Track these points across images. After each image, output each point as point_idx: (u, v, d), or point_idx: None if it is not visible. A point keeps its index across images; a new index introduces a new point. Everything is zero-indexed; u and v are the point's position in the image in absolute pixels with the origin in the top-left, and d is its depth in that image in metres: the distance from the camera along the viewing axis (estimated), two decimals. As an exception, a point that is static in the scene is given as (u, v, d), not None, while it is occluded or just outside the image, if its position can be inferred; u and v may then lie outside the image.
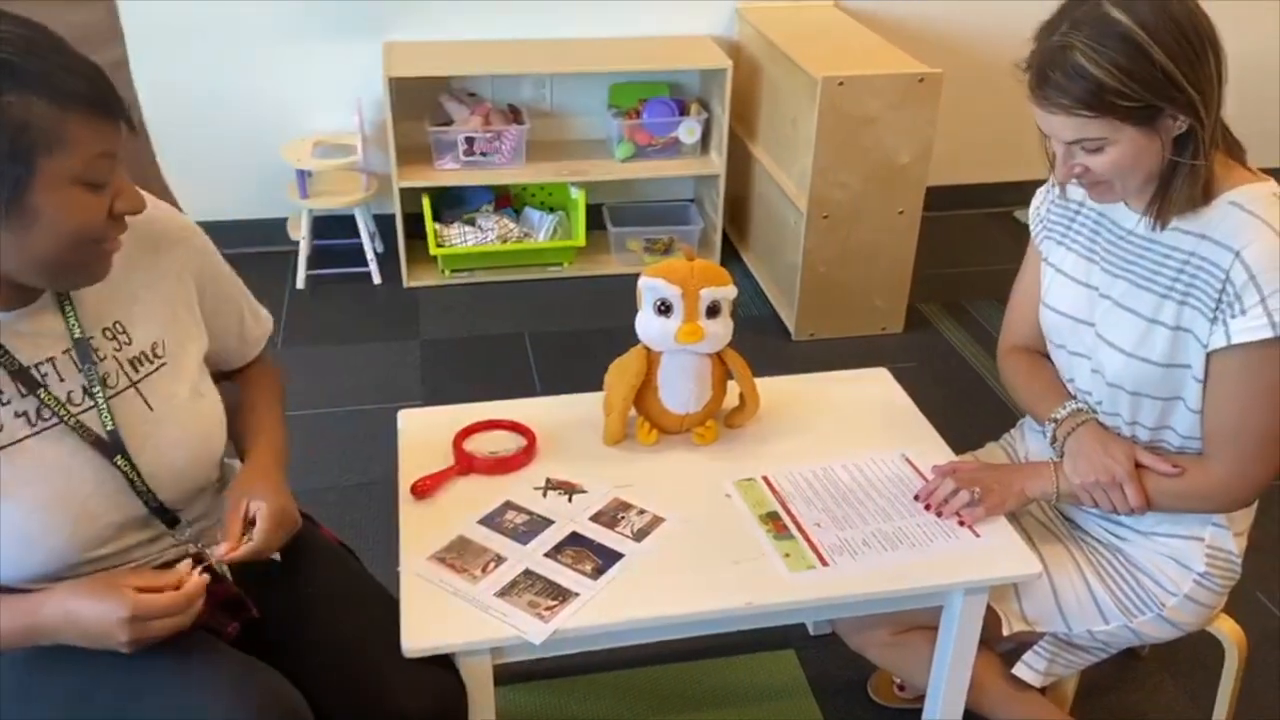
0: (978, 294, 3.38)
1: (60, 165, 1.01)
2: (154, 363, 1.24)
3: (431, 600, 1.30)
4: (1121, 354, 1.42)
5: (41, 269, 1.08)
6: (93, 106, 1.02)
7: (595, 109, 3.53)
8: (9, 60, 0.98)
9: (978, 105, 3.72)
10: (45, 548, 1.14)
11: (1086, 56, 1.25)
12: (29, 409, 1.14)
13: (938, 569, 1.40)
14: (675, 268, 1.55)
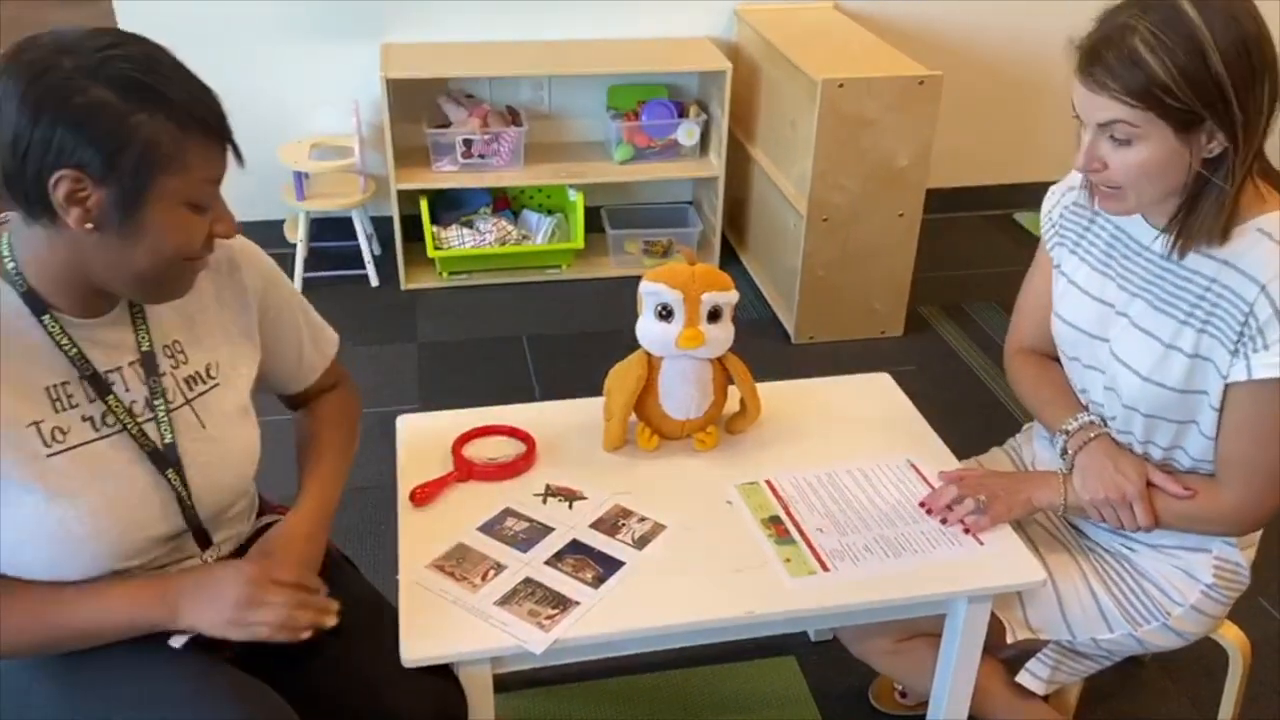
0: (978, 297, 3.37)
1: (174, 185, 1.05)
2: (207, 383, 1.26)
3: (430, 609, 1.28)
4: (1137, 377, 1.40)
5: (136, 281, 1.11)
6: (210, 132, 1.07)
7: (594, 111, 3.52)
8: (140, 80, 1.02)
9: (978, 107, 3.72)
10: (89, 552, 1.14)
11: (1145, 43, 1.21)
12: (95, 414, 1.15)
13: (941, 576, 1.39)
14: (676, 272, 1.53)
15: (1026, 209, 3.91)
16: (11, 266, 1.10)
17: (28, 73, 0.99)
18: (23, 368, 1.10)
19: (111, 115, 1.00)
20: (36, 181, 1.01)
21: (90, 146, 1.00)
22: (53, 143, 0.99)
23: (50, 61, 1.00)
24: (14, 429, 1.09)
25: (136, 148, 1.01)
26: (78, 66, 1.00)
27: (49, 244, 1.07)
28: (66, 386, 1.13)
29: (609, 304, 3.27)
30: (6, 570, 1.13)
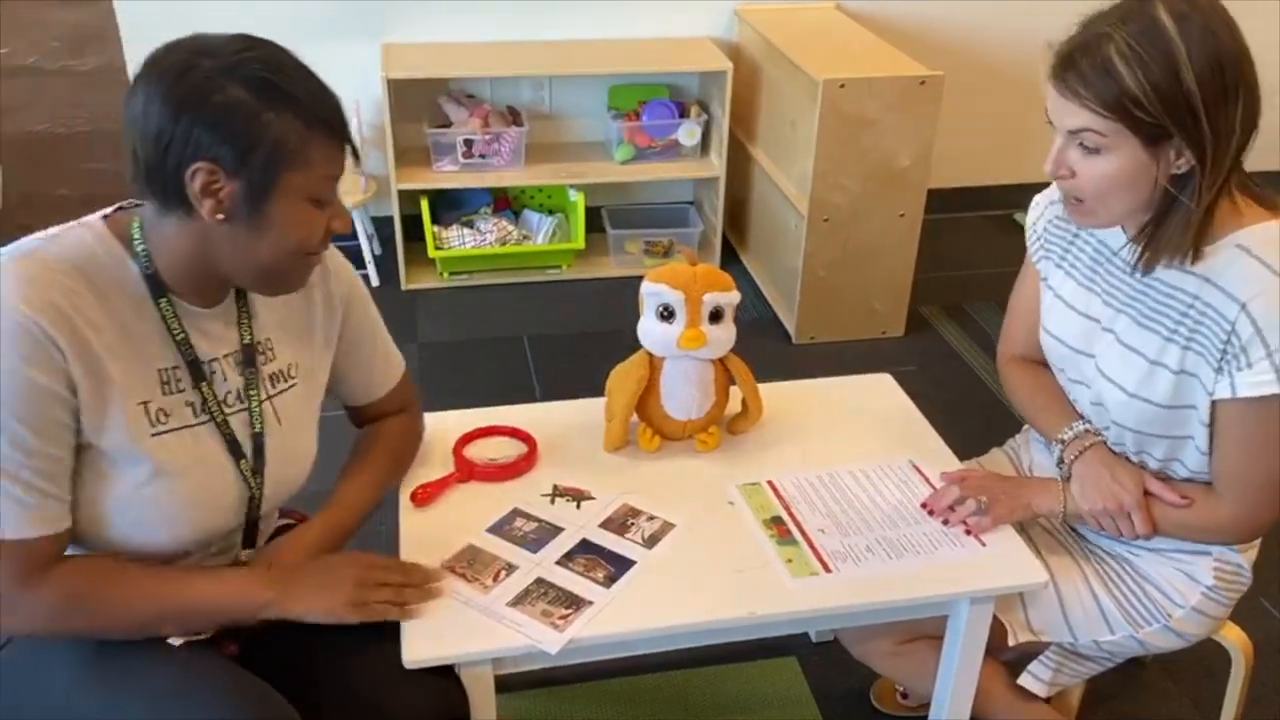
0: (978, 297, 3.37)
1: (299, 181, 1.11)
2: (288, 381, 1.31)
3: (432, 610, 1.28)
4: (1123, 393, 1.40)
5: (258, 272, 1.17)
6: (333, 132, 1.13)
7: (595, 111, 3.52)
8: (270, 80, 1.09)
9: (978, 108, 3.71)
10: (165, 535, 1.19)
11: (1121, 54, 1.21)
12: (196, 401, 1.21)
13: (943, 577, 1.38)
14: (678, 272, 1.53)
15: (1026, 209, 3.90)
16: (141, 249, 1.16)
17: (172, 73, 1.07)
18: (140, 347, 1.16)
19: (245, 113, 1.07)
20: (175, 173, 1.07)
21: (225, 142, 1.07)
22: (192, 137, 1.06)
23: (192, 62, 1.07)
24: (131, 405, 1.14)
25: (267, 144, 1.08)
26: (216, 67, 1.07)
27: (179, 234, 1.13)
28: (176, 371, 1.19)
29: (610, 304, 3.26)
30: (109, 535, 1.17)
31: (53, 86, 3.21)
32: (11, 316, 1.06)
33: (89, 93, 3.23)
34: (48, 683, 1.18)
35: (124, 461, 1.15)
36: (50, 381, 1.08)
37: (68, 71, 3.20)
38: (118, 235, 1.16)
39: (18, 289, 1.07)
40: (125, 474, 1.15)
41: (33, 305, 1.07)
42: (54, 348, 1.07)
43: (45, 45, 3.15)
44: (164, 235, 1.15)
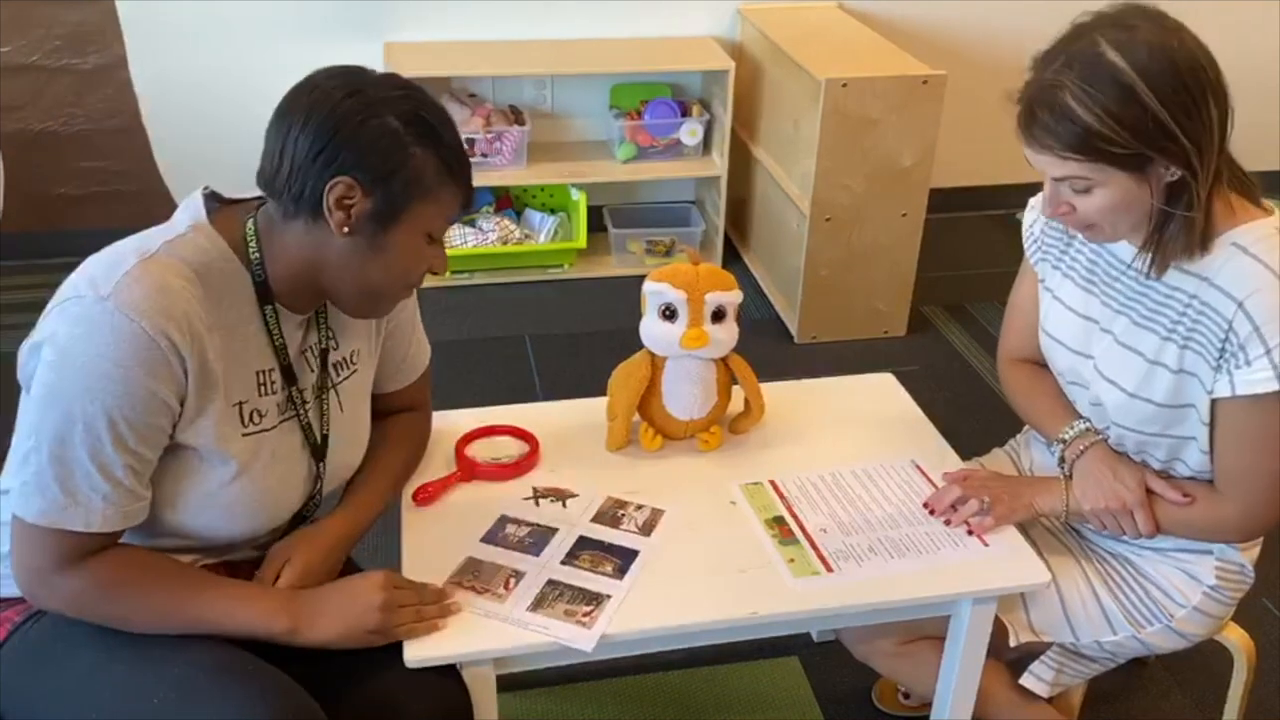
0: (980, 296, 3.37)
1: (424, 213, 1.19)
2: (349, 369, 1.36)
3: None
4: (1124, 393, 1.40)
5: (359, 291, 1.23)
6: (463, 180, 1.22)
7: (596, 110, 3.52)
8: (424, 119, 1.17)
9: (981, 107, 3.69)
10: (240, 528, 1.25)
11: (1076, 98, 1.21)
12: (282, 400, 1.26)
13: (945, 578, 1.38)
14: (680, 272, 1.53)
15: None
16: (256, 257, 1.20)
17: (341, 91, 1.15)
18: (241, 350, 1.21)
19: (395, 141, 1.15)
20: (318, 182, 1.14)
21: (370, 163, 1.14)
22: (342, 153, 1.13)
23: (359, 87, 1.16)
24: (228, 406, 1.19)
25: (406, 173, 1.16)
26: (378, 98, 1.15)
27: (298, 240, 1.19)
28: (271, 373, 1.24)
29: (611, 303, 3.26)
30: (180, 524, 1.21)
31: (54, 85, 3.20)
32: (143, 325, 1.09)
33: (90, 91, 3.23)
34: (70, 660, 1.19)
35: (212, 459, 1.19)
36: (165, 393, 1.12)
37: (69, 70, 3.19)
38: (229, 240, 1.20)
39: (153, 296, 1.10)
40: (213, 471, 1.19)
41: (165, 315, 1.10)
42: (176, 358, 1.11)
43: (47, 44, 3.15)
44: (281, 241, 1.20)
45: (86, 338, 1.09)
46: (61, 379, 1.09)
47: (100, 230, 3.30)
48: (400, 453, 1.48)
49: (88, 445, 1.10)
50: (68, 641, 1.18)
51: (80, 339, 1.09)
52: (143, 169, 3.37)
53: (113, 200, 3.38)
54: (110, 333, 1.08)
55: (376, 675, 1.25)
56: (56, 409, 1.10)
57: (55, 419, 1.10)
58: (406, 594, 1.24)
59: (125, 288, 1.10)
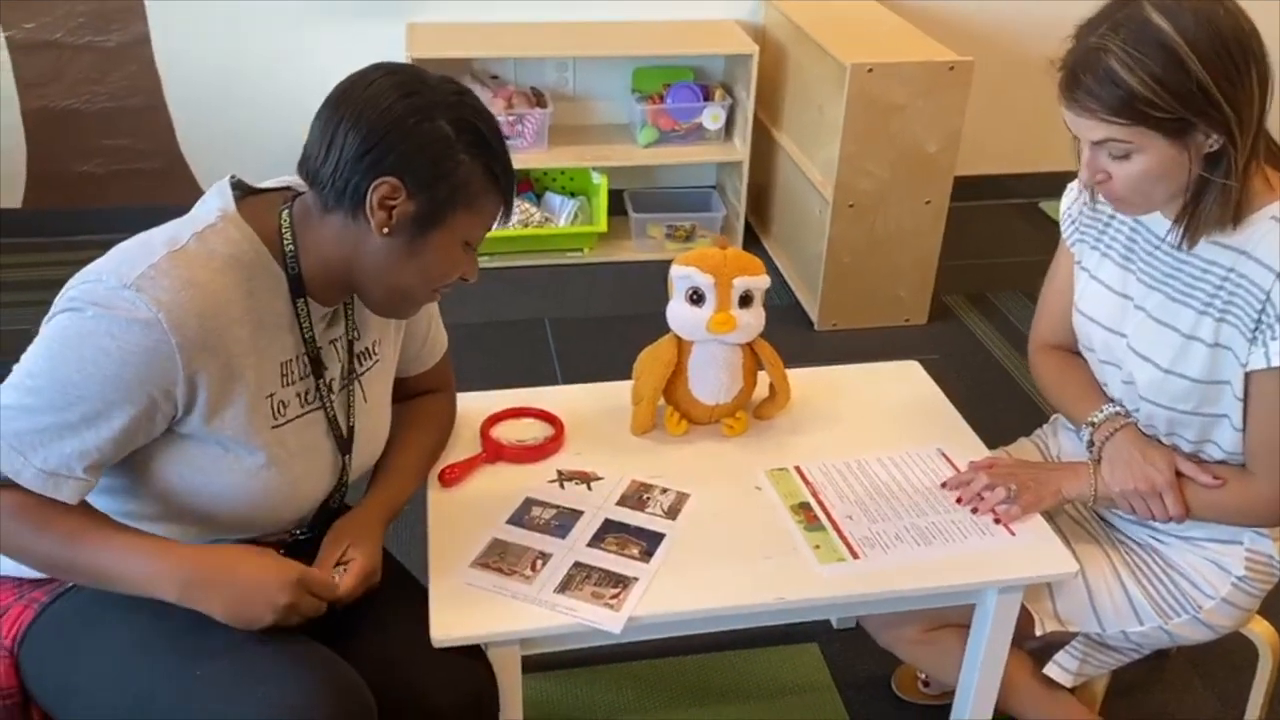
0: (1003, 286, 3.34)
1: (465, 221, 1.19)
2: (372, 359, 1.35)
3: (460, 591, 1.28)
4: (1158, 370, 1.39)
5: (389, 292, 1.22)
6: (506, 192, 1.21)
7: (618, 93, 3.50)
8: (476, 127, 1.16)
9: (1006, 95, 3.67)
10: (262, 519, 1.24)
11: (1120, 62, 1.21)
12: (305, 390, 1.24)
13: (971, 566, 1.38)
14: (708, 256, 1.52)
15: (1053, 198, 3.83)
16: (290, 250, 1.19)
17: (397, 91, 1.13)
18: (269, 342, 1.19)
19: (445, 146, 1.14)
20: (363, 179, 1.13)
21: (417, 166, 1.13)
22: (391, 153, 1.12)
23: (415, 89, 1.14)
24: (258, 398, 1.18)
25: (453, 180, 1.15)
26: (432, 102, 1.14)
27: (334, 234, 1.18)
28: (291, 363, 1.22)
29: (631, 288, 3.25)
30: (206, 513, 1.21)
31: (77, 62, 3.21)
32: (160, 317, 1.07)
33: (113, 69, 3.23)
34: (107, 637, 1.18)
35: (238, 450, 1.18)
36: (155, 390, 1.10)
37: (92, 47, 3.20)
38: (259, 231, 1.18)
39: (179, 290, 1.09)
40: (239, 462, 1.19)
41: (187, 310, 1.09)
42: (183, 358, 1.09)
43: (70, 21, 3.15)
44: (316, 234, 1.19)
45: (99, 316, 1.08)
46: (65, 343, 1.09)
47: (122, 208, 3.35)
48: (429, 434, 1.48)
49: (53, 411, 1.08)
50: (101, 620, 1.18)
51: (93, 317, 1.08)
52: (165, 147, 3.37)
53: (135, 178, 3.39)
54: (125, 317, 1.07)
55: (402, 653, 1.26)
56: (47, 366, 1.09)
57: (43, 375, 1.09)
58: (308, 603, 1.17)
59: (151, 279, 1.09)
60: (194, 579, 1.13)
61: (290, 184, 1.26)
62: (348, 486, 1.34)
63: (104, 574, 1.14)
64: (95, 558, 1.13)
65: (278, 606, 1.14)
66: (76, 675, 1.20)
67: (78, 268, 1.15)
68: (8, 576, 1.25)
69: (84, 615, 1.21)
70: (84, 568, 1.14)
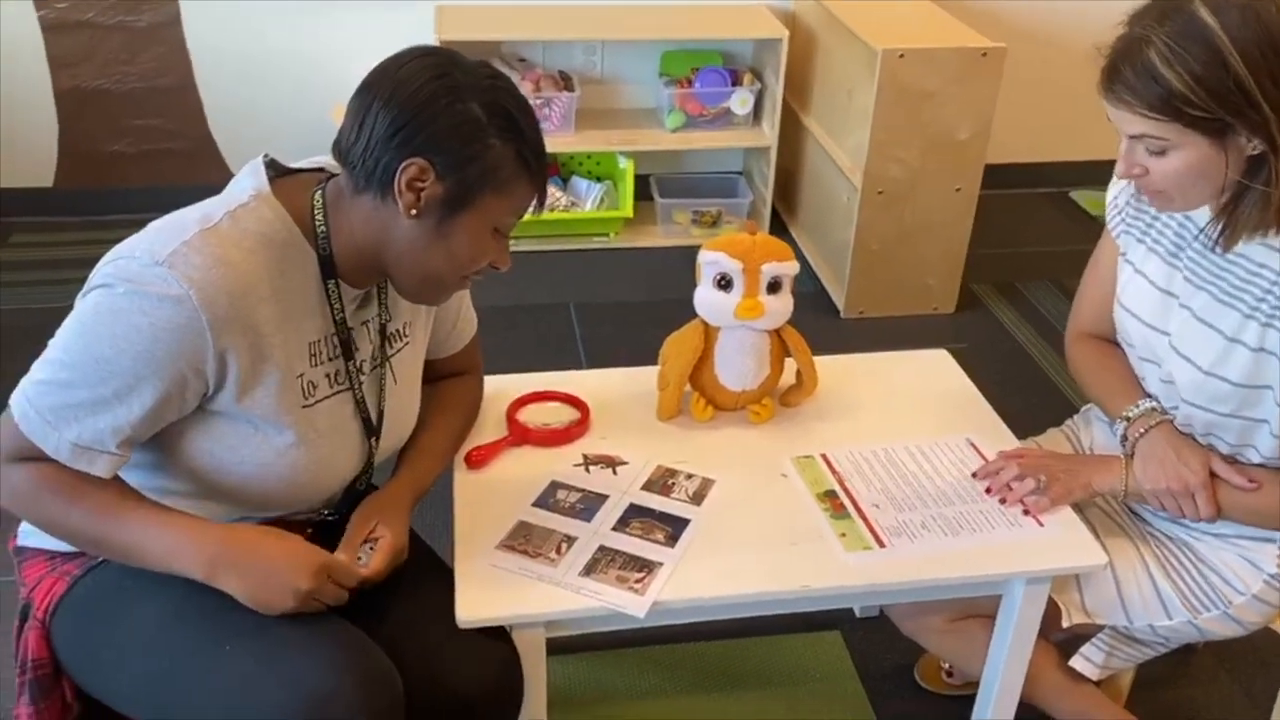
0: (1032, 276, 3.31)
1: (494, 205, 1.17)
2: (401, 341, 1.35)
3: (486, 572, 1.29)
4: (1199, 371, 1.37)
5: (417, 276, 1.21)
6: (537, 177, 1.20)
7: (646, 77, 3.49)
8: (508, 111, 1.15)
9: (1037, 82, 3.63)
10: (290, 498, 1.25)
11: (1161, 56, 1.19)
12: (333, 371, 1.24)
13: (999, 556, 1.37)
14: (737, 241, 1.51)
15: (1085, 187, 3.83)
16: (322, 231, 1.19)
17: (429, 72, 1.13)
18: (299, 322, 1.19)
19: (476, 129, 1.13)
20: (393, 160, 1.12)
21: (447, 147, 1.12)
22: (420, 133, 1.11)
23: (447, 70, 1.14)
24: (288, 378, 1.18)
25: (482, 163, 1.14)
26: (466, 83, 1.13)
27: (365, 217, 1.17)
28: (319, 343, 1.22)
29: (656, 274, 3.24)
30: (235, 490, 1.21)
31: (108, 42, 3.23)
32: (191, 294, 1.08)
33: (144, 49, 3.25)
34: (138, 611, 1.20)
35: (267, 429, 1.19)
36: (186, 368, 1.11)
37: (123, 27, 3.21)
38: (292, 211, 1.18)
39: (210, 268, 1.09)
40: (268, 441, 1.19)
41: (218, 289, 1.09)
42: (213, 335, 1.10)
43: (102, 0, 3.17)
44: (347, 216, 1.18)
45: (131, 293, 1.08)
46: (98, 319, 1.09)
47: (152, 188, 3.37)
48: (457, 416, 1.48)
49: (87, 386, 1.09)
50: (133, 593, 1.19)
51: (125, 294, 1.08)
52: (194, 128, 3.39)
53: (165, 158, 3.40)
54: (156, 293, 1.08)
55: (428, 633, 1.27)
56: (80, 342, 1.10)
57: (76, 350, 1.10)
58: (330, 590, 1.17)
59: (183, 256, 1.09)
60: (219, 558, 1.14)
61: (325, 165, 1.26)
62: (374, 469, 1.35)
63: (132, 550, 1.15)
64: (124, 533, 1.14)
65: (299, 592, 1.14)
66: (106, 648, 1.21)
67: (108, 247, 1.16)
68: (40, 549, 1.27)
69: (115, 589, 1.22)
70: (113, 543, 1.15)
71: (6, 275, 3.09)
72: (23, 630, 1.27)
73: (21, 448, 1.13)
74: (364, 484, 1.34)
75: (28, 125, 3.29)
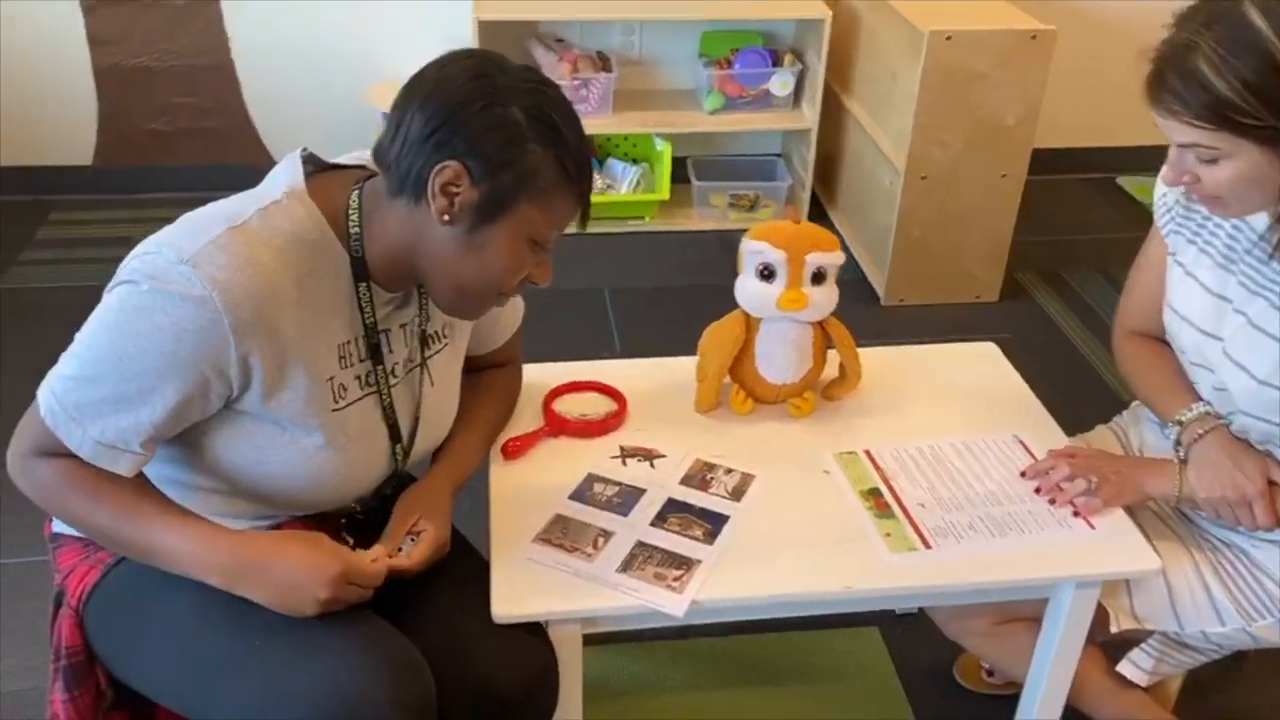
0: (1078, 265, 3.23)
1: (531, 216, 1.12)
2: (441, 342, 1.32)
3: (522, 566, 1.27)
4: (1253, 380, 1.31)
5: (451, 287, 1.17)
6: (578, 188, 1.15)
7: (685, 58, 3.44)
8: (550, 117, 1.10)
9: (1085, 65, 3.54)
10: (318, 498, 1.23)
11: (1209, 63, 1.13)
12: (363, 373, 1.21)
13: (1048, 560, 1.33)
14: (780, 230, 1.48)
15: (1132, 173, 3.74)
16: (355, 232, 1.16)
17: (468, 74, 1.10)
18: (328, 324, 1.16)
19: (513, 134, 1.09)
20: (427, 163, 1.09)
21: (482, 152, 1.08)
22: (456, 136, 1.08)
23: (489, 71, 1.10)
24: (317, 381, 1.15)
25: (519, 169, 1.09)
26: (505, 86, 1.09)
27: (399, 221, 1.14)
28: (348, 345, 1.19)
29: (692, 258, 3.20)
30: (262, 491, 1.19)
31: (147, 20, 3.22)
32: (214, 296, 1.05)
33: (182, 27, 3.24)
34: (168, 600, 1.18)
35: (295, 430, 1.16)
36: (208, 369, 1.08)
37: (162, 5, 3.21)
38: (326, 211, 1.15)
39: (236, 268, 1.06)
40: (296, 443, 1.17)
41: (243, 291, 1.06)
42: (236, 338, 1.07)
43: (141, -22, 3.17)
44: (382, 219, 1.15)
45: (154, 291, 1.06)
46: (122, 316, 1.08)
47: (190, 167, 3.37)
48: (496, 408, 1.46)
49: (111, 384, 1.08)
50: (164, 583, 1.17)
51: (148, 292, 1.06)
52: (232, 107, 3.38)
53: (203, 137, 3.40)
54: (178, 293, 1.05)
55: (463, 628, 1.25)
56: (105, 338, 1.09)
57: (101, 347, 1.09)
58: (351, 593, 1.14)
59: (208, 256, 1.06)
60: (235, 570, 1.12)
61: (366, 161, 1.23)
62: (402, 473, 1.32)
63: (151, 553, 1.14)
64: (142, 535, 1.13)
65: (319, 601, 1.12)
66: (139, 638, 1.21)
67: (147, 225, 1.14)
68: (74, 535, 1.26)
69: (149, 578, 1.20)
70: (132, 543, 1.15)
71: (47, 254, 3.11)
72: (57, 617, 1.26)
73: (47, 442, 1.12)
74: (391, 488, 1.32)
75: (67, 103, 3.30)
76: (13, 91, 3.26)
